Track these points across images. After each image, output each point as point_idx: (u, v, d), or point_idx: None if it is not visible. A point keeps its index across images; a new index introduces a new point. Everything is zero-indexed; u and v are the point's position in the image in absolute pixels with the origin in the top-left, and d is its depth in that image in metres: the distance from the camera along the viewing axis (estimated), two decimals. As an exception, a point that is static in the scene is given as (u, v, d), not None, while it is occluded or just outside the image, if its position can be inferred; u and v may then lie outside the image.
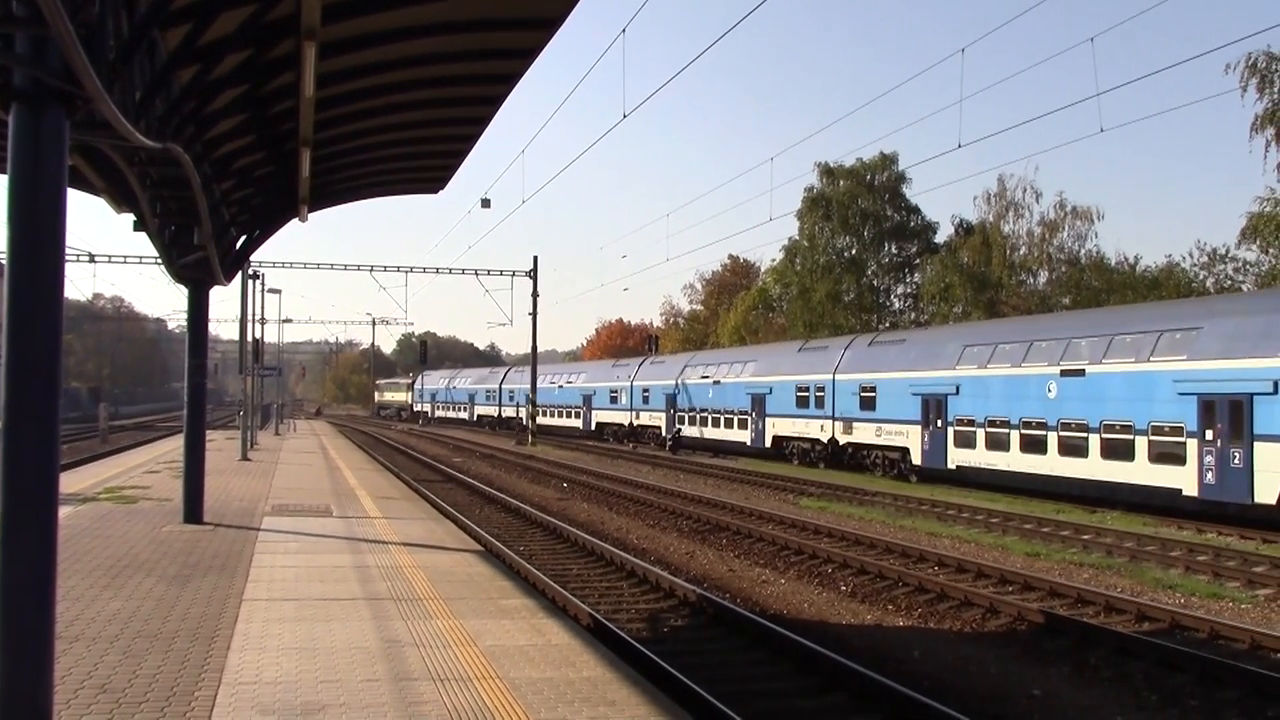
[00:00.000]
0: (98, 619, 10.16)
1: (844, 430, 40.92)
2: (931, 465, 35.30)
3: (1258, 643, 13.34)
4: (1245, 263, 47.47)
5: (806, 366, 44.57)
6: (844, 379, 41.27)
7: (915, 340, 39.32)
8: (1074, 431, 29.01)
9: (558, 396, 75.02)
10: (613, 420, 66.48)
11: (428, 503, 25.68)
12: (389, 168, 17.23)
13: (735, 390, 49.93)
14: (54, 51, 6.09)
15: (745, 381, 49.18)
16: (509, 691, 7.98)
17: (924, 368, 36.36)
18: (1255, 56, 41.13)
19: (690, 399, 55.03)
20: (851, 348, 42.41)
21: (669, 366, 60.27)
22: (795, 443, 45.04)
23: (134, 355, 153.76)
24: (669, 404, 57.49)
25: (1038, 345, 31.35)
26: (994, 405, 32.37)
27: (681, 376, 56.58)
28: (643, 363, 65.52)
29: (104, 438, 54.20)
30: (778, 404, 46.07)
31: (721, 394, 51.40)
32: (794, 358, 46.34)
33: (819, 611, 15.75)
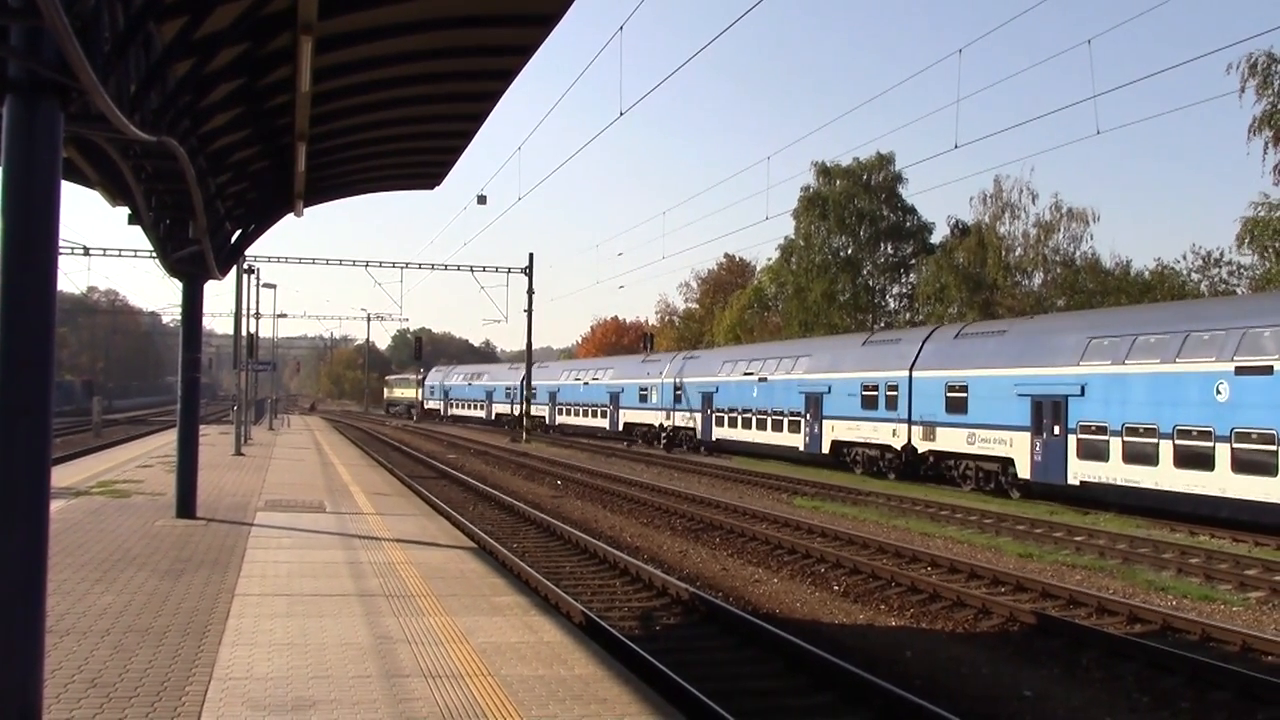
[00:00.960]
0: (89, 613, 10.14)
1: (924, 436, 35.60)
2: (1045, 479, 29.88)
3: (1249, 645, 13.36)
4: (1240, 266, 47.57)
5: (874, 361, 39.27)
6: (925, 376, 35.88)
7: (1020, 331, 33.28)
8: (1256, 444, 23.82)
9: (583, 394, 70.29)
10: (642, 420, 61.07)
11: (421, 499, 25.68)
12: (385, 163, 17.21)
13: (785, 389, 44.47)
14: (49, 43, 6.07)
15: (798, 379, 43.69)
16: (501, 689, 7.98)
17: (1033, 363, 30.87)
18: (1256, 57, 41.16)
19: (730, 398, 49.75)
20: (933, 340, 37.10)
21: (705, 362, 55.17)
22: (859, 449, 39.98)
23: (128, 349, 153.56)
24: (705, 403, 52.56)
25: (1197, 336, 26.11)
26: (1135, 409, 27.07)
27: (721, 373, 51.40)
28: (675, 358, 60.30)
29: (97, 431, 54.06)
30: (838, 404, 40.81)
31: (768, 393, 46.04)
32: (858, 352, 40.95)
33: (811, 611, 15.75)
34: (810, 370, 43.37)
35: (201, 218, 14.28)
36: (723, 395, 50.73)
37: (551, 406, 74.99)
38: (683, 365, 57.15)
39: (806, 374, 43.45)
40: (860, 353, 40.77)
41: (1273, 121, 41.36)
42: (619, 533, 23.61)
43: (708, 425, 52.13)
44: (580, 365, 76.40)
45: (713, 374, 52.34)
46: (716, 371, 51.99)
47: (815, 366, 43.24)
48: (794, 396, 43.77)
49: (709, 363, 54.49)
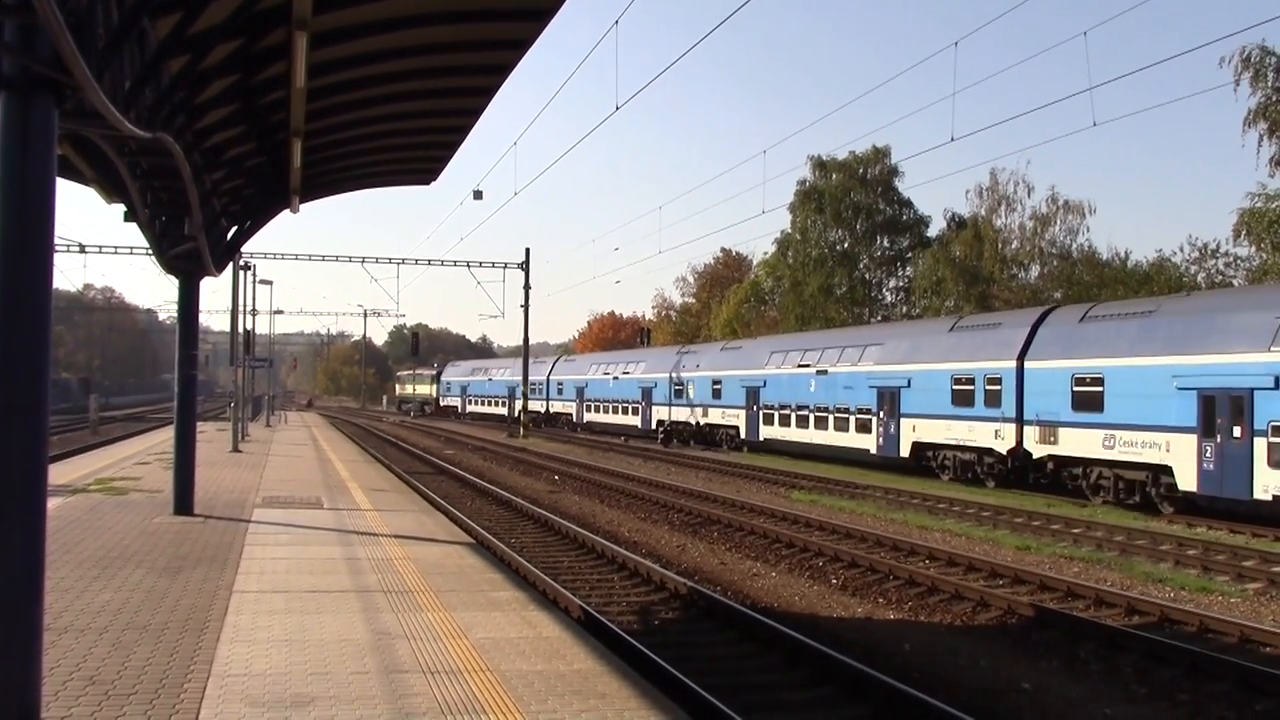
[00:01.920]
0: (87, 610, 10.13)
1: (1041, 438, 30.01)
2: (1218, 492, 24.51)
3: (1246, 636, 13.38)
4: (1237, 258, 47.59)
5: (967, 350, 33.90)
6: (1041, 367, 30.47)
7: (1174, 310, 27.60)
8: None
9: (612, 390, 65.02)
10: (677, 418, 56.08)
11: (419, 495, 25.66)
12: (381, 159, 17.18)
13: (852, 382, 39.32)
14: (43, 40, 6.06)
15: (868, 371, 38.46)
16: (500, 684, 7.98)
17: (1198, 349, 25.47)
18: (1250, 50, 41.21)
19: (781, 393, 44.67)
20: (1050, 324, 31.46)
21: (749, 353, 49.88)
22: (948, 453, 34.59)
23: (124, 346, 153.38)
24: (750, 399, 47.48)
25: None
26: None
27: (768, 365, 46.36)
28: (712, 349, 55.85)
29: (94, 429, 54.05)
30: (920, 400, 35.44)
31: (829, 386, 40.87)
32: (944, 339, 35.61)
33: (810, 605, 15.76)
34: (883, 361, 38.06)
35: (197, 214, 14.26)
36: (772, 390, 45.67)
37: (579, 403, 70.70)
38: (721, 357, 52.36)
39: (879, 365, 38.11)
40: (948, 340, 35.40)
41: (1268, 114, 41.39)
42: (617, 527, 23.61)
43: (753, 423, 47.16)
44: (609, 358, 70.29)
45: (758, 366, 47.30)
46: (763, 363, 46.87)
47: (889, 356, 37.93)
48: (863, 391, 38.65)
49: (754, 354, 49.17)
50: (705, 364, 53.50)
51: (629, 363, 64.57)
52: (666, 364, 58.47)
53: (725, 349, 53.54)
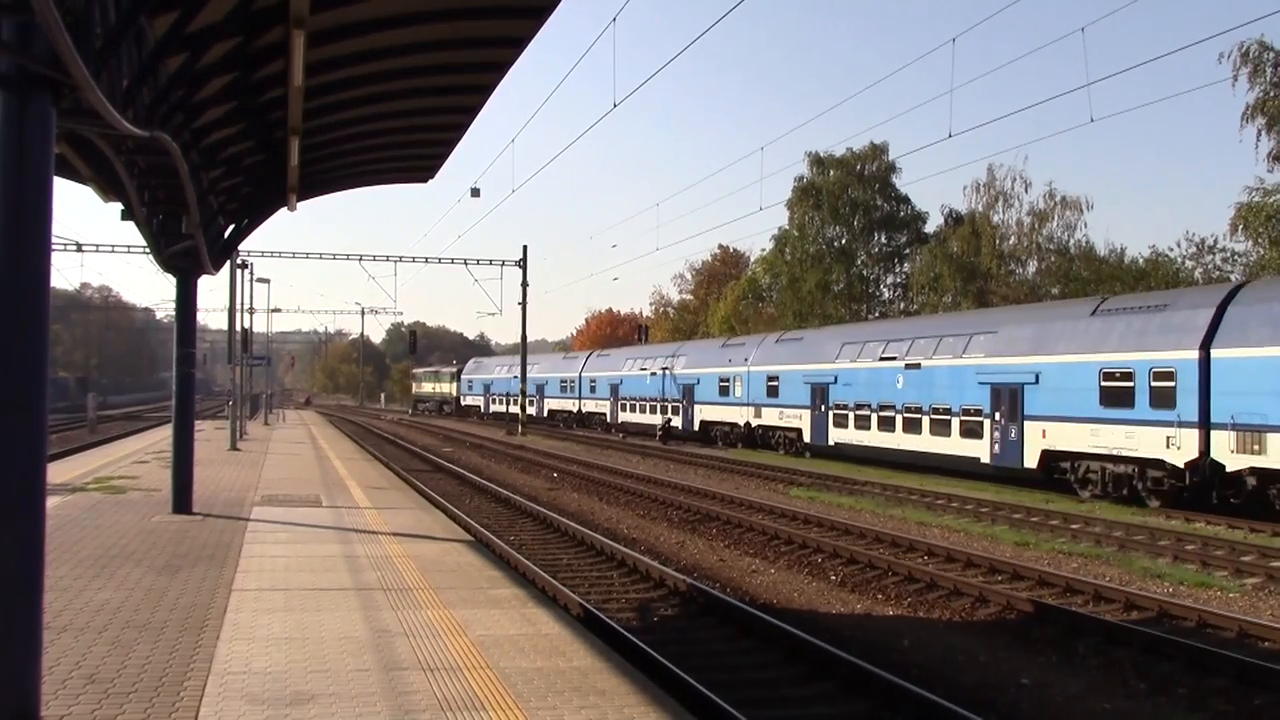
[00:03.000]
0: (86, 609, 10.13)
1: (1242, 446, 24.01)
2: None
3: (1245, 631, 13.40)
4: (1234, 253, 47.62)
5: (1123, 337, 27.79)
6: (1240, 356, 24.62)
7: None
8: None
9: (649, 387, 59.39)
10: (723, 419, 50.84)
11: (417, 493, 25.65)
12: (378, 157, 17.17)
13: (955, 378, 33.64)
14: (40, 38, 6.05)
15: (977, 364, 32.61)
16: (499, 681, 7.98)
17: None
18: (1248, 45, 41.25)
19: (858, 390, 38.99)
20: (1245, 300, 25.48)
21: (812, 345, 44.27)
22: (1094, 464, 28.37)
23: (122, 345, 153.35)
24: (817, 398, 41.71)
25: None
26: None
27: (840, 358, 40.57)
28: (764, 341, 49.68)
29: (92, 428, 54.04)
30: (1053, 399, 29.52)
31: (923, 383, 35.16)
32: (1086, 325, 29.33)
33: (809, 601, 15.77)
34: (997, 352, 32.27)
35: (195, 213, 14.25)
36: (845, 386, 39.86)
37: (613, 402, 64.87)
38: (776, 350, 46.81)
39: (991, 357, 32.36)
40: (1091, 326, 29.27)
41: (1266, 108, 41.42)
42: (616, 524, 23.62)
43: (820, 425, 41.50)
44: (646, 352, 63.52)
45: (826, 359, 41.54)
46: (832, 356, 41.05)
47: (1006, 346, 32.11)
48: (971, 389, 32.71)
49: (819, 345, 43.35)
50: (758, 358, 47.71)
51: (669, 357, 58.48)
52: (711, 358, 53.25)
53: (782, 340, 47.53)
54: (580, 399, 70.68)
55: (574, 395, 71.45)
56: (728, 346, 53.07)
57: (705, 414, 52.81)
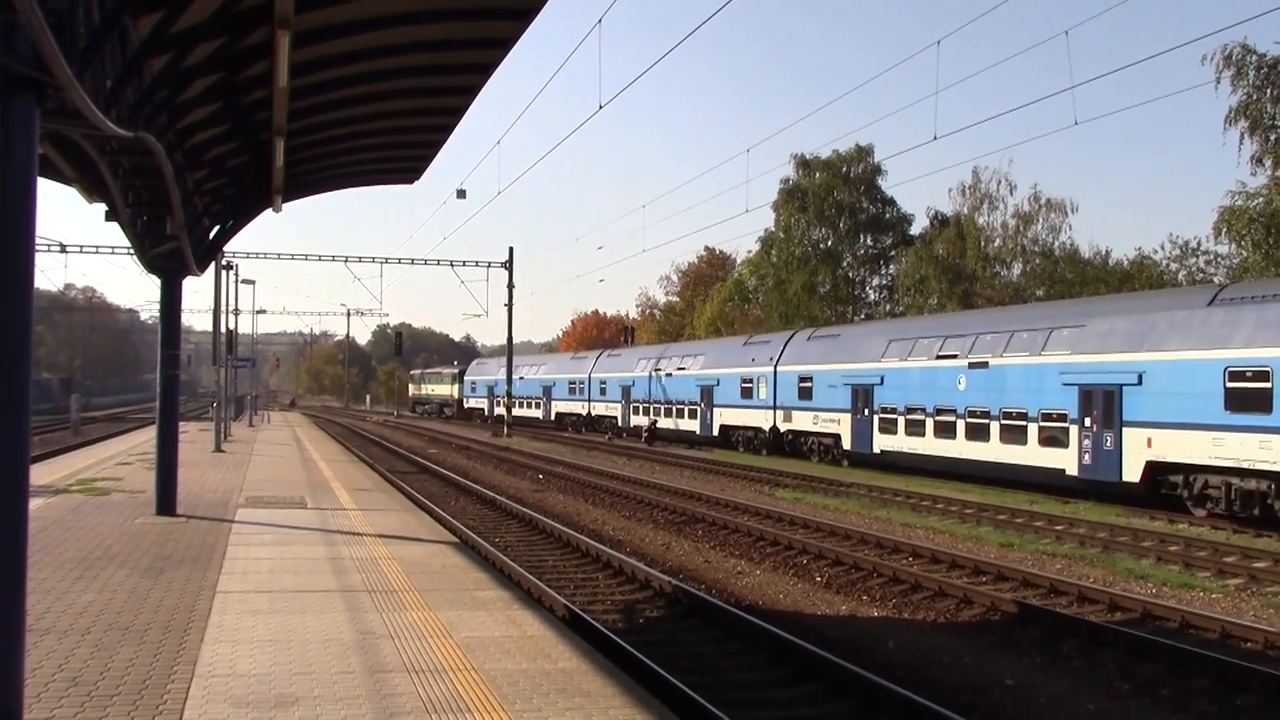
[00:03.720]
0: (69, 611, 10.09)
1: None
2: None
3: (1228, 632, 13.46)
4: (1217, 256, 47.84)
5: (1255, 330, 24.27)
6: None
7: None
8: None
9: (667, 389, 55.66)
10: (745, 422, 47.24)
11: (402, 494, 25.61)
12: (364, 158, 17.15)
13: (1032, 378, 29.72)
14: (23, 38, 6.02)
15: (1059, 362, 28.92)
16: (484, 683, 7.97)
17: None
18: (1231, 49, 41.45)
19: (909, 392, 35.22)
20: None
21: (851, 342, 40.54)
22: (1218, 479, 24.56)
23: (106, 346, 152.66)
24: (859, 401, 38.08)
25: None
26: None
27: (886, 357, 36.86)
28: (793, 338, 45.56)
29: (75, 429, 53.81)
30: (1162, 404, 25.91)
31: (992, 383, 31.28)
32: (1203, 317, 25.82)
33: (794, 602, 15.80)
34: (1085, 348, 28.64)
35: (179, 213, 14.21)
36: (892, 388, 36.22)
37: (625, 405, 61.28)
38: (809, 348, 43.14)
39: (1079, 354, 28.71)
40: (1209, 318, 25.70)
41: (1249, 112, 41.63)
42: (601, 526, 23.62)
43: (863, 431, 37.79)
44: (665, 351, 59.88)
45: (869, 358, 37.87)
46: (877, 354, 37.47)
47: (1097, 343, 28.38)
48: (1052, 390, 29.01)
49: (861, 342, 39.75)
50: (788, 357, 43.96)
51: (685, 356, 54.83)
52: (732, 357, 49.36)
53: (815, 338, 43.60)
54: (590, 401, 66.74)
55: (583, 397, 67.45)
56: (751, 345, 48.72)
57: (726, 418, 49.08)
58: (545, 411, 74.04)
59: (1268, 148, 41.60)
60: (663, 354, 58.43)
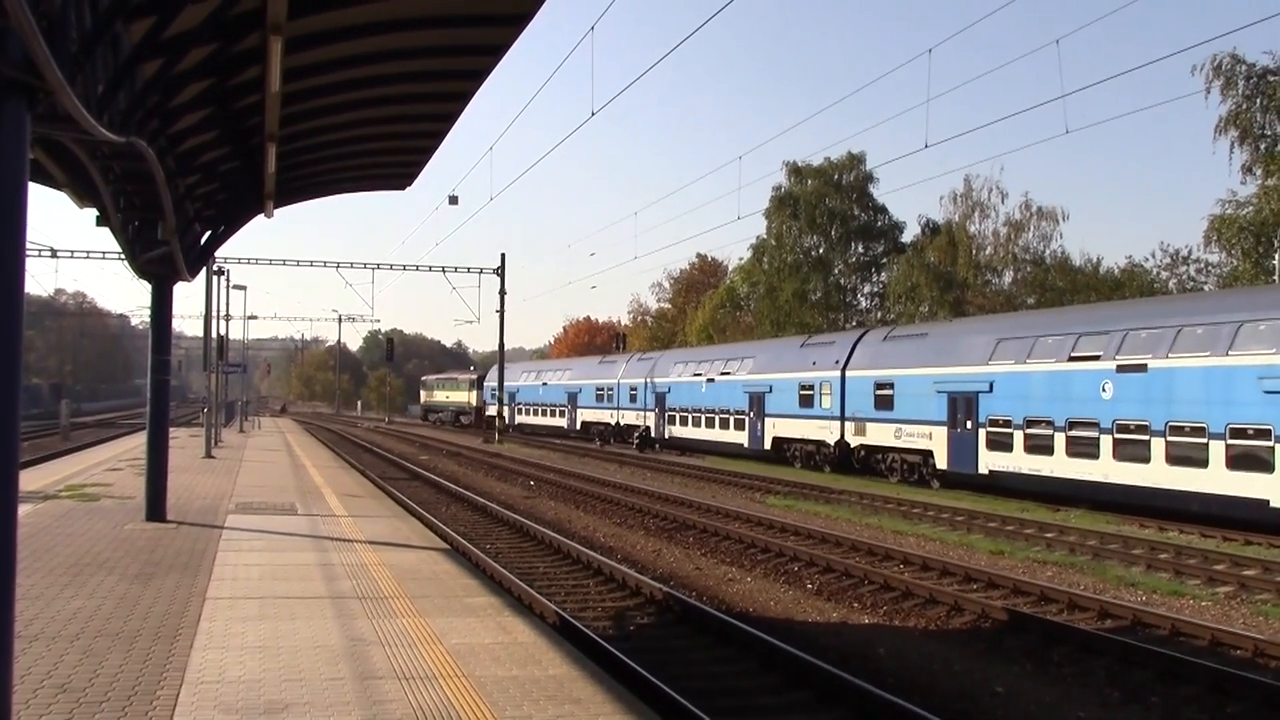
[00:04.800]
0: (58, 618, 10.05)
1: None
2: None
3: (1217, 639, 13.49)
4: (1208, 264, 48.05)
5: None
6: None
7: None
8: None
9: (705, 396, 49.54)
10: (805, 435, 41.35)
11: (393, 501, 25.57)
12: (356, 164, 17.14)
13: (1218, 383, 24.36)
14: (14, 42, 6.01)
15: (1262, 365, 23.57)
16: (474, 690, 7.96)
17: None
18: (1220, 58, 41.67)
19: (1031, 401, 29.44)
20: None
21: (942, 343, 34.70)
22: None
23: (96, 351, 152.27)
24: (959, 411, 32.20)
25: None
26: None
27: (995, 358, 31.11)
28: (864, 338, 39.95)
29: (65, 435, 53.57)
30: None
31: (1152, 390, 25.87)
32: None
33: (785, 609, 15.79)
34: None
35: (171, 219, 14.18)
36: (1005, 396, 30.47)
37: (659, 414, 55.32)
38: (885, 350, 37.48)
39: None
40: None
41: (1238, 121, 41.83)
42: (592, 533, 23.60)
43: (964, 447, 31.93)
44: (703, 354, 54.31)
45: (972, 361, 32.13)
46: (982, 357, 31.67)
47: None
48: (1248, 400, 23.63)
49: (958, 342, 33.80)
50: (861, 359, 38.46)
51: (731, 360, 48.90)
52: (788, 360, 43.77)
53: (893, 337, 38.00)
54: (618, 409, 60.70)
55: (611, 405, 61.48)
56: (811, 346, 43.10)
57: (780, 429, 43.04)
58: (570, 420, 67.60)
59: (1257, 157, 41.83)
60: (703, 357, 53.00)
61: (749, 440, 45.50)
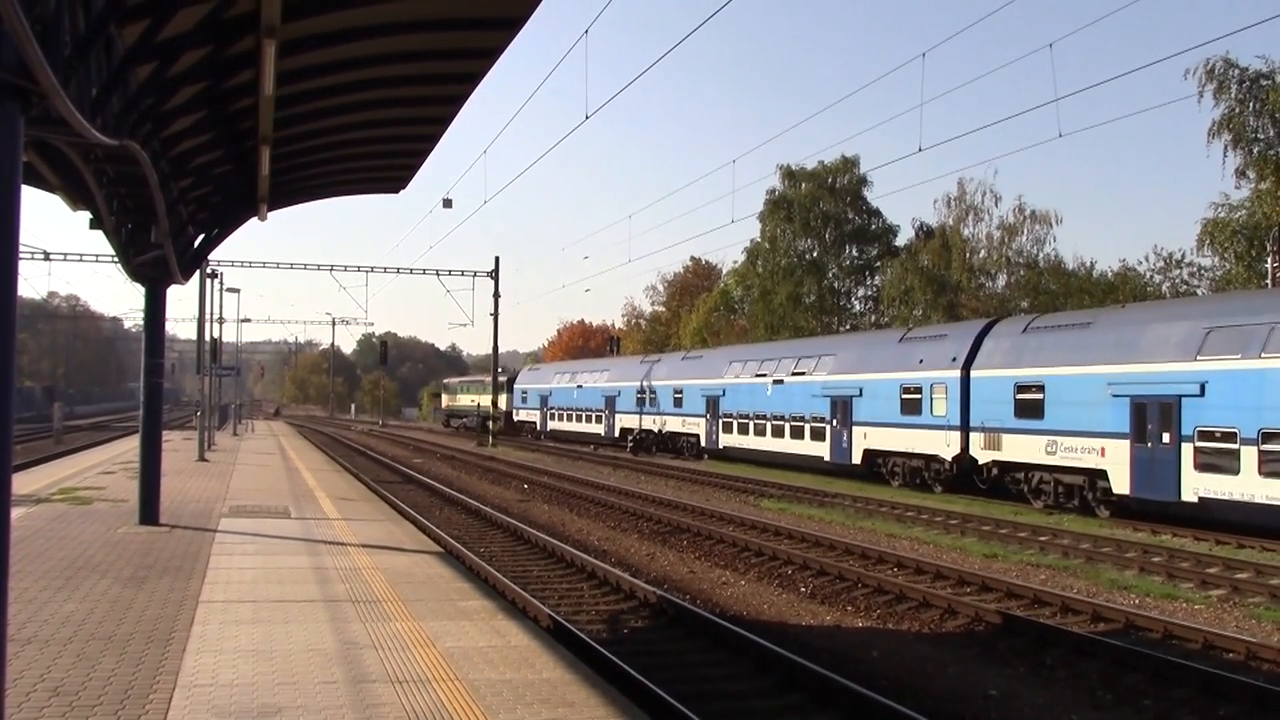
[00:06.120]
0: (51, 621, 10.03)
1: None
2: None
3: (1210, 642, 13.51)
4: (1201, 268, 48.10)
5: None
6: None
7: None
8: None
9: (771, 400, 42.76)
10: (910, 447, 34.35)
11: (387, 504, 25.56)
12: (350, 167, 17.14)
13: None
14: (8, 46, 6.01)
15: None
16: (468, 693, 7.96)
17: None
18: (1213, 62, 41.75)
19: (1262, 412, 22.92)
20: None
21: (1115, 334, 27.42)
22: None
23: (89, 354, 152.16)
24: (1148, 421, 25.47)
25: None
26: None
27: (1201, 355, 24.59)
28: (996, 331, 32.38)
29: (58, 438, 53.51)
30: None
31: None
32: None
33: (779, 613, 15.80)
34: None
35: (164, 222, 14.18)
36: (1222, 405, 23.84)
37: (710, 420, 48.33)
38: (1027, 342, 30.32)
39: None
40: None
41: (1232, 125, 41.92)
42: (586, 536, 23.60)
43: (1161, 466, 25.04)
44: (763, 353, 46.91)
45: (1169, 357, 25.45)
46: (1186, 352, 25.02)
47: None
48: None
49: (1144, 334, 26.69)
50: (990, 356, 31.56)
51: (803, 358, 42.01)
52: (883, 358, 36.86)
53: (1037, 328, 30.64)
54: (661, 414, 54.13)
55: (653, 410, 55.09)
56: (914, 341, 36.23)
57: (874, 439, 36.30)
58: (608, 426, 60.71)
59: (1250, 160, 41.90)
60: (767, 355, 45.75)
61: (832, 452, 38.62)
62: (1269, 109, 41.28)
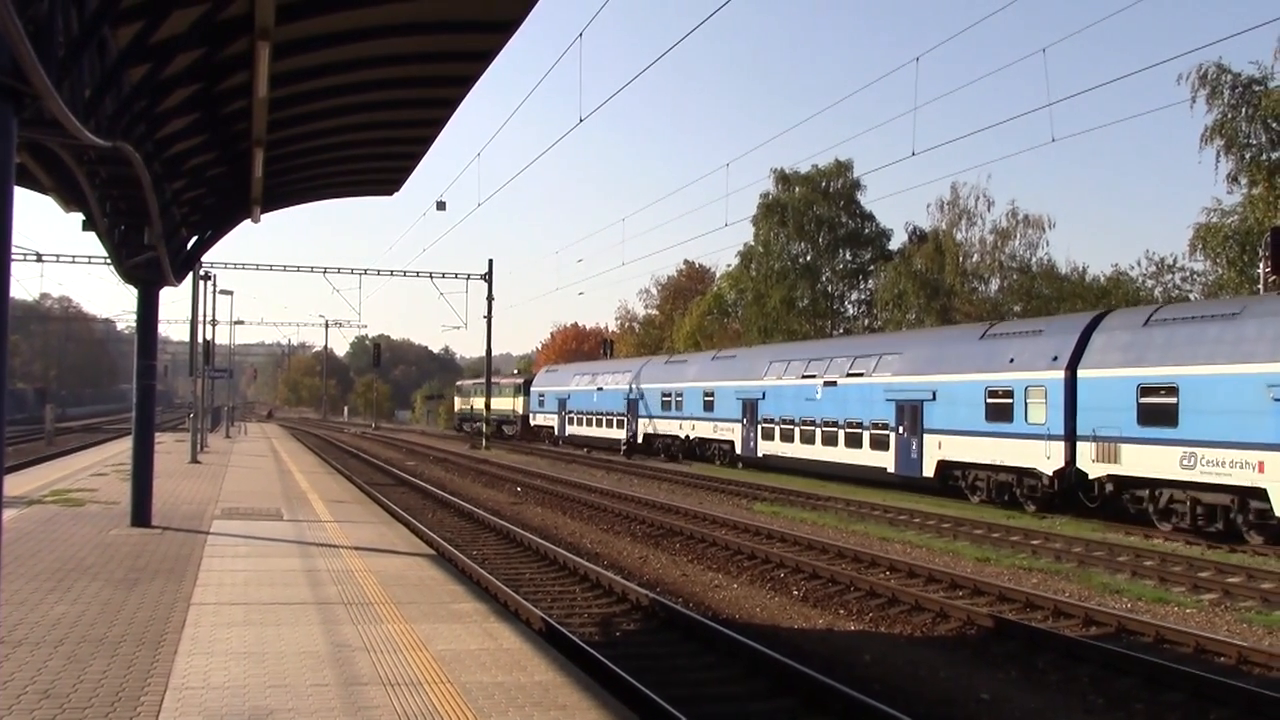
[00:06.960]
0: (42, 623, 10.01)
1: None
2: None
3: (1202, 646, 13.53)
4: (1193, 273, 48.20)
5: None
6: None
7: None
8: None
9: (822, 404, 38.45)
10: (996, 459, 29.76)
11: (380, 506, 25.53)
12: (343, 169, 17.14)
13: None
14: (1, 47, 6.01)
15: None
16: (460, 696, 7.95)
17: None
18: (1206, 68, 41.84)
19: None
20: None
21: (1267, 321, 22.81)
22: None
23: (82, 356, 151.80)
24: None
25: None
26: None
27: None
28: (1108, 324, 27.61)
29: (50, 440, 53.39)
30: None
31: None
32: None
33: (771, 616, 15.80)
34: None
35: (157, 224, 14.16)
36: None
37: (747, 425, 44.17)
38: (1141, 340, 25.79)
39: None
40: None
41: (1224, 130, 42.01)
42: (579, 539, 23.59)
43: None
44: (812, 351, 42.42)
45: None
46: None
47: None
48: None
49: None
50: (1099, 354, 26.83)
51: (860, 358, 37.32)
52: (961, 356, 32.08)
53: (1161, 320, 25.82)
54: (688, 419, 50.16)
55: (680, 414, 51.14)
56: (999, 337, 31.45)
57: (950, 450, 31.64)
58: (630, 432, 56.84)
59: (1242, 166, 41.97)
60: (814, 354, 41.07)
61: (898, 464, 33.92)
62: (1261, 114, 41.35)
